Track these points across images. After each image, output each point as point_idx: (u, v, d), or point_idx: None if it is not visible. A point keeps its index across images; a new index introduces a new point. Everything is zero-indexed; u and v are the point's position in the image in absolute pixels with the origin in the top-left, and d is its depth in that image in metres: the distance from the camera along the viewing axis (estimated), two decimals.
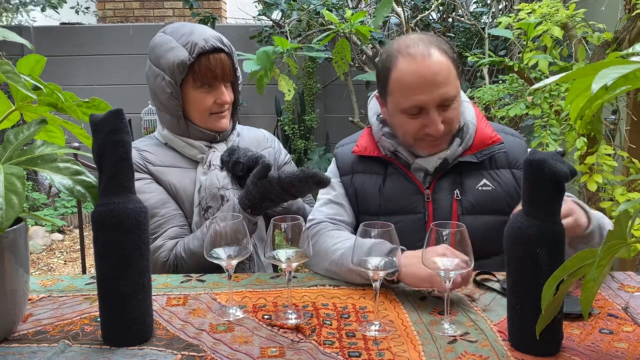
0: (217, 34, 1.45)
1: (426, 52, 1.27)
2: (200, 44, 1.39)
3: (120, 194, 0.94)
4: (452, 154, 1.33)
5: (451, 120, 1.30)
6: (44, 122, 1.02)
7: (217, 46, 1.41)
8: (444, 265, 0.99)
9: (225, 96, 1.45)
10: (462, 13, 3.69)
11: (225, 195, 1.45)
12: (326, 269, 1.26)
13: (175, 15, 6.66)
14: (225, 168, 1.47)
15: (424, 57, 1.26)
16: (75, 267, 4.05)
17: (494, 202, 1.33)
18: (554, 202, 0.89)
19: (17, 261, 0.94)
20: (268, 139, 1.67)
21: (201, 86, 1.43)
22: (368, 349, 0.93)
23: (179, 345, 0.95)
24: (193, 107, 1.46)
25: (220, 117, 1.48)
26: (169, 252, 1.39)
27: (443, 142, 1.33)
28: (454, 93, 1.27)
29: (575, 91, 0.74)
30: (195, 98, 1.44)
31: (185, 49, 1.39)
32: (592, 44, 2.10)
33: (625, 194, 1.80)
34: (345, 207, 1.42)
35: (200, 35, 1.41)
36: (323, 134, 4.87)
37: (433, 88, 1.25)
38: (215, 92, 1.45)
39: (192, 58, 1.39)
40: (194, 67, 1.40)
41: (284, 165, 1.66)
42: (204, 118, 1.47)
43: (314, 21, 3.79)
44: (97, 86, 5.20)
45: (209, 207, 1.45)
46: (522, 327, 0.91)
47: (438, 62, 1.26)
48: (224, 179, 1.46)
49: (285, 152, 1.70)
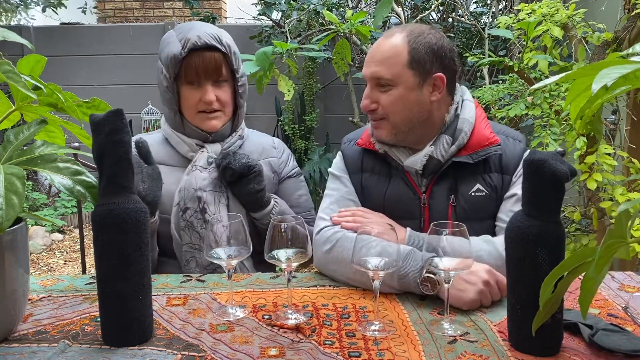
0: (217, 33, 1.43)
1: (391, 33, 1.31)
2: (192, 40, 1.39)
3: (120, 194, 0.94)
4: (442, 152, 1.30)
5: (385, 104, 1.29)
6: (44, 122, 1.02)
7: (210, 43, 1.40)
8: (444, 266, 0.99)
9: (208, 95, 1.43)
10: (462, 13, 3.69)
11: (202, 197, 1.43)
12: (349, 277, 1.21)
13: (175, 15, 6.67)
14: (217, 170, 1.46)
15: (385, 36, 1.31)
16: (75, 267, 4.05)
17: (486, 208, 1.32)
18: (554, 202, 0.89)
19: (17, 261, 0.94)
20: (276, 148, 1.62)
21: (189, 83, 1.43)
22: (368, 349, 0.93)
23: (179, 345, 0.95)
24: (183, 103, 1.46)
25: (208, 117, 1.46)
26: None
27: (381, 126, 1.32)
28: (386, 76, 1.27)
29: (575, 91, 0.74)
30: (184, 94, 1.45)
31: (180, 44, 1.40)
32: (592, 44, 2.10)
33: (625, 193, 1.80)
34: (357, 205, 1.38)
35: (196, 31, 1.41)
36: (323, 134, 4.87)
37: (370, 63, 1.31)
38: (200, 89, 1.43)
39: (184, 53, 1.39)
40: (185, 63, 1.41)
41: (288, 179, 1.61)
42: (192, 115, 1.46)
43: (314, 21, 3.79)
44: (97, 86, 5.20)
45: (187, 208, 1.43)
46: (522, 327, 0.90)
47: (388, 44, 1.29)
48: (203, 180, 1.44)
49: (293, 166, 1.64)
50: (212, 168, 1.46)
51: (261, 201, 1.46)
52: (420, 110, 1.29)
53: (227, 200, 1.46)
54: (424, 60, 1.27)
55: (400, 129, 1.31)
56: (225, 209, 1.45)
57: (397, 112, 1.29)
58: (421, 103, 1.29)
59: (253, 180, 1.43)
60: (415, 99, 1.28)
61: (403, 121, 1.30)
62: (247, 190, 1.43)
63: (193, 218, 1.43)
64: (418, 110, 1.29)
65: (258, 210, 1.47)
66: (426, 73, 1.28)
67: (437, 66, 1.28)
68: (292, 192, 1.61)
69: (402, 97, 1.28)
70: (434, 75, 1.28)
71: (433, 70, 1.28)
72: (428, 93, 1.29)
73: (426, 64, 1.27)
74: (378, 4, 2.17)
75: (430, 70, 1.28)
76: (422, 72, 1.27)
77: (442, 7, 3.71)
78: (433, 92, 1.29)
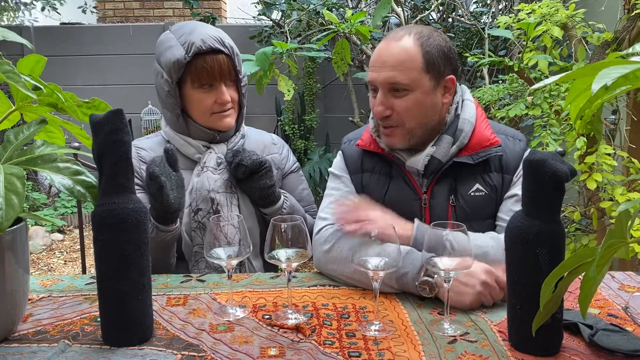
0: (218, 35, 1.43)
1: (398, 35, 1.27)
2: (197, 44, 1.38)
3: (120, 194, 0.94)
4: (443, 153, 1.29)
5: (400, 110, 1.26)
6: (44, 122, 1.02)
7: (215, 47, 1.40)
8: (444, 266, 0.99)
9: (225, 95, 1.44)
10: (462, 13, 3.69)
11: (215, 199, 1.44)
12: (349, 276, 1.21)
13: (175, 15, 6.67)
14: (228, 168, 1.47)
15: (392, 39, 1.27)
16: (75, 267, 4.05)
17: (485, 208, 1.31)
18: (554, 202, 0.89)
19: (17, 261, 0.94)
20: (276, 144, 1.64)
21: (200, 86, 1.42)
22: (368, 349, 0.93)
23: (179, 345, 0.95)
24: (194, 106, 1.45)
25: (223, 116, 1.46)
26: None
27: (395, 133, 1.29)
28: (403, 82, 1.24)
29: (575, 91, 0.74)
30: (195, 98, 1.44)
31: (183, 48, 1.39)
32: (592, 44, 2.10)
33: (625, 193, 1.80)
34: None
35: (199, 34, 1.40)
36: (323, 134, 4.87)
37: (382, 68, 1.26)
38: (215, 91, 1.44)
39: (188, 57, 1.38)
40: (191, 67, 1.40)
41: (290, 174, 1.63)
42: (205, 117, 1.46)
43: (314, 21, 3.79)
44: (97, 86, 5.20)
45: (199, 209, 1.44)
46: (522, 327, 0.90)
47: (399, 47, 1.25)
48: (215, 182, 1.45)
49: (293, 161, 1.66)
50: (222, 169, 1.47)
51: (273, 196, 1.47)
52: (434, 114, 1.29)
53: (238, 201, 1.47)
54: (438, 63, 1.26)
55: (415, 134, 1.30)
56: (237, 209, 1.47)
57: (413, 117, 1.27)
58: (435, 106, 1.28)
59: (265, 176, 1.44)
60: (431, 102, 1.27)
61: (418, 126, 1.28)
62: (259, 186, 1.44)
63: (205, 219, 1.44)
64: (432, 114, 1.29)
65: (270, 205, 1.48)
66: (440, 76, 1.27)
67: (448, 68, 1.28)
68: (296, 186, 1.63)
69: (419, 102, 1.26)
70: (447, 77, 1.28)
71: (445, 72, 1.27)
72: (441, 95, 1.29)
73: (440, 66, 1.26)
74: (377, 4, 2.17)
75: (444, 72, 1.27)
76: (437, 75, 1.26)
77: (442, 7, 3.71)
78: (445, 95, 1.29)
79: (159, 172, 1.28)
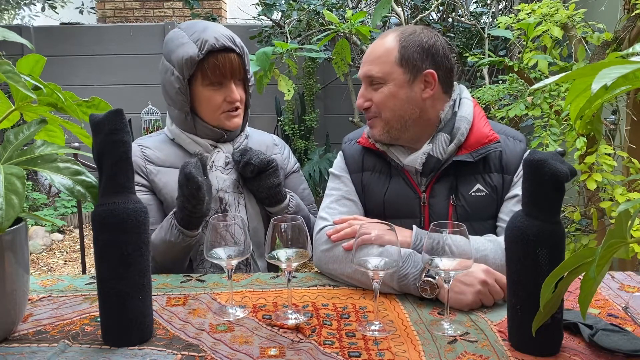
0: (230, 34, 1.44)
1: (385, 35, 1.34)
2: (210, 42, 1.38)
3: (120, 194, 0.94)
4: (440, 151, 1.30)
5: (377, 102, 1.32)
6: (44, 122, 1.02)
7: (227, 45, 1.40)
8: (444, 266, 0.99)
9: (234, 94, 1.44)
10: (462, 13, 3.69)
11: (224, 198, 1.45)
12: (349, 276, 1.22)
13: (176, 15, 6.67)
14: (236, 167, 1.47)
15: (379, 38, 1.34)
16: (75, 267, 4.05)
17: (487, 208, 1.32)
18: (554, 202, 0.89)
19: (17, 261, 0.94)
20: (277, 144, 1.65)
21: (210, 84, 1.42)
22: (368, 349, 0.93)
23: (179, 345, 0.95)
24: (204, 104, 1.45)
25: (232, 115, 1.47)
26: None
27: (375, 124, 1.35)
28: (377, 75, 1.30)
29: (575, 91, 0.74)
30: (205, 96, 1.44)
31: (196, 45, 1.39)
32: (592, 44, 2.10)
33: (625, 194, 1.80)
34: (357, 204, 1.39)
35: (212, 33, 1.40)
36: (323, 134, 4.87)
37: (364, 64, 1.35)
38: (225, 89, 1.44)
39: (201, 55, 1.38)
40: (203, 65, 1.40)
41: (292, 174, 1.64)
42: (215, 116, 1.46)
43: (314, 21, 3.79)
44: (97, 86, 5.20)
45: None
46: (522, 327, 0.90)
47: (380, 44, 1.32)
48: (224, 181, 1.46)
49: (294, 161, 1.67)
50: (230, 169, 1.48)
51: (280, 195, 1.48)
52: (411, 107, 1.31)
53: (245, 201, 1.48)
54: (414, 57, 1.29)
55: (393, 126, 1.32)
56: (244, 209, 1.47)
57: (389, 108, 1.31)
58: (412, 99, 1.31)
59: (272, 175, 1.45)
60: (406, 95, 1.30)
61: (395, 118, 1.32)
62: (267, 185, 1.45)
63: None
64: (409, 107, 1.31)
65: (277, 204, 1.49)
66: (416, 70, 1.29)
67: (428, 63, 1.30)
68: (297, 186, 1.63)
69: (392, 93, 1.30)
70: (425, 71, 1.29)
71: (424, 67, 1.30)
72: (419, 90, 1.31)
73: (416, 61, 1.29)
74: (377, 4, 2.17)
75: (421, 67, 1.30)
76: (412, 69, 1.29)
77: (442, 7, 3.71)
78: (425, 89, 1.31)
79: (196, 173, 1.28)
